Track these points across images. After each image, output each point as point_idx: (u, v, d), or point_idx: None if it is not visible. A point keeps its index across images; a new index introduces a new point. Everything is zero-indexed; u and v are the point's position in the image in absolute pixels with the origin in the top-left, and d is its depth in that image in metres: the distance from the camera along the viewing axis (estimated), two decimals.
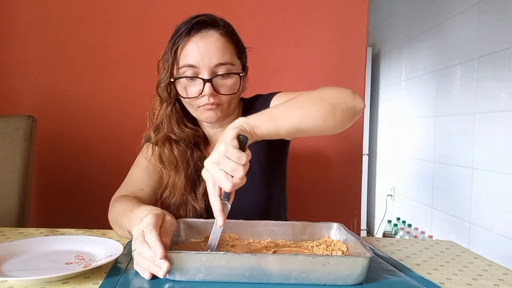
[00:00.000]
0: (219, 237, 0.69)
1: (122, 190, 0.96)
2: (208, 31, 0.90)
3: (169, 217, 0.71)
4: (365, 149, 3.81)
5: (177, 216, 0.92)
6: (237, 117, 0.98)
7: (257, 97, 1.05)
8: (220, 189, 0.66)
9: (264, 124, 0.73)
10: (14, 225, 1.15)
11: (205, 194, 0.94)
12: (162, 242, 0.60)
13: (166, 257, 0.59)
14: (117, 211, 0.87)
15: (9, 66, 1.61)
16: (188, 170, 0.96)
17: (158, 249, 0.59)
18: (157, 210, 0.71)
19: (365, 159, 3.79)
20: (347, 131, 1.74)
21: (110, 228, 0.93)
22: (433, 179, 2.71)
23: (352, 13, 1.67)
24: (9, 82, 1.61)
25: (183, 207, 0.96)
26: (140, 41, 1.63)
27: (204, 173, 0.68)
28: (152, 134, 0.97)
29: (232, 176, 0.64)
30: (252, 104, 1.02)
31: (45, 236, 0.85)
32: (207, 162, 0.67)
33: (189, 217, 0.93)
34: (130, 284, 0.62)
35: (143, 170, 0.98)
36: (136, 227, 0.65)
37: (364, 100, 0.84)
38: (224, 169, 0.64)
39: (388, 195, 3.48)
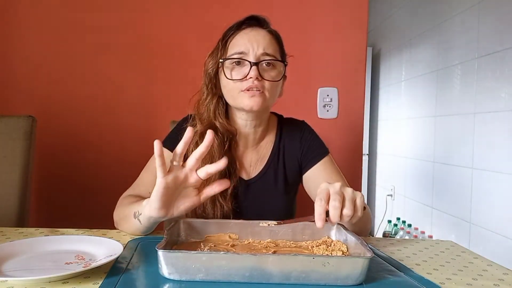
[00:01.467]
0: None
1: (129, 192, 0.97)
2: (258, 27, 0.98)
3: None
4: (365, 149, 3.81)
5: (204, 215, 0.95)
6: (268, 124, 1.06)
7: (307, 128, 1.10)
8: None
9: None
10: (14, 225, 1.15)
11: (232, 195, 0.98)
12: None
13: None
14: (125, 205, 0.88)
15: (9, 66, 1.61)
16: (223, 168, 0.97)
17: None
18: None
19: (365, 159, 3.79)
20: (347, 131, 1.74)
21: (110, 228, 0.94)
22: (433, 179, 2.71)
23: (352, 13, 1.67)
24: (9, 82, 1.61)
25: (211, 205, 0.96)
26: (140, 41, 1.64)
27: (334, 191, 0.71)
28: (199, 124, 0.99)
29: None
30: (288, 127, 1.09)
31: (45, 236, 0.85)
32: (345, 189, 0.71)
33: (217, 216, 0.94)
34: (130, 284, 0.62)
35: (154, 174, 0.99)
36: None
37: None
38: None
39: (388, 195, 3.48)
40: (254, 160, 1.05)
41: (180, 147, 0.73)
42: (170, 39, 1.64)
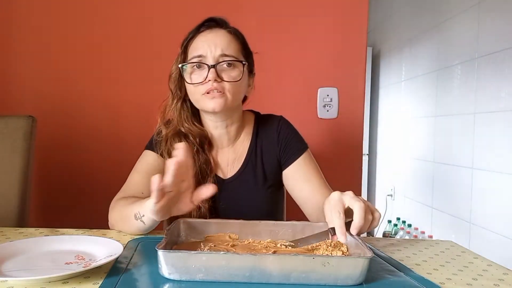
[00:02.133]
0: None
1: (121, 194, 0.97)
2: (216, 28, 0.98)
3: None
4: (365, 149, 3.81)
5: (181, 215, 0.94)
6: (242, 122, 1.05)
7: (284, 123, 1.08)
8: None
9: None
10: (14, 225, 1.15)
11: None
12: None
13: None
14: (122, 206, 0.88)
15: (9, 66, 1.61)
16: (193, 169, 0.97)
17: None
18: None
19: (365, 159, 3.79)
20: (347, 131, 1.74)
21: (110, 228, 0.94)
22: (433, 179, 2.71)
23: (352, 13, 1.67)
24: (9, 82, 1.61)
25: None
26: (140, 42, 1.64)
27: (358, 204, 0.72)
28: (163, 128, 1.00)
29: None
30: (267, 124, 1.07)
31: (45, 236, 0.85)
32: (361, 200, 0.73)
33: (193, 217, 0.94)
34: (130, 284, 0.62)
35: (142, 175, 0.99)
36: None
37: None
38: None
39: (388, 195, 3.48)
40: (231, 159, 1.05)
41: (168, 180, 0.68)
42: (170, 39, 1.64)
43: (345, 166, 1.69)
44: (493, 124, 2.06)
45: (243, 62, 0.97)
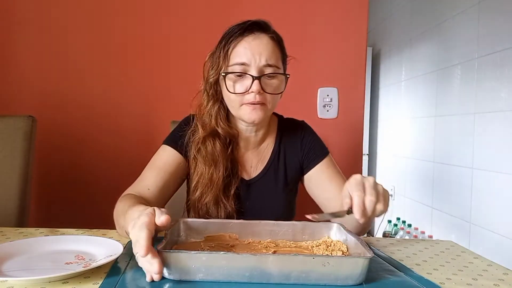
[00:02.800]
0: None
1: (129, 189, 0.97)
2: (260, 34, 0.95)
3: (160, 211, 0.67)
4: (365, 149, 3.81)
5: (207, 217, 0.96)
6: (269, 125, 1.07)
7: (308, 128, 1.11)
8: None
9: None
10: (14, 225, 1.15)
11: (235, 196, 0.99)
12: (160, 228, 0.63)
13: (158, 259, 0.59)
14: (118, 209, 0.87)
15: (9, 66, 1.61)
16: (226, 168, 0.99)
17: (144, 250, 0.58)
18: (148, 208, 0.67)
19: (365, 159, 3.79)
20: (347, 131, 1.74)
21: (110, 228, 0.93)
22: (433, 179, 2.71)
23: (352, 13, 1.67)
24: (9, 82, 1.61)
25: (215, 206, 0.97)
26: (140, 41, 1.64)
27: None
28: (201, 129, 0.99)
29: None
30: (288, 128, 1.09)
31: (45, 236, 0.85)
32: (378, 185, 0.74)
33: (221, 217, 0.96)
34: (130, 284, 0.62)
35: (153, 170, 0.99)
36: (132, 229, 0.63)
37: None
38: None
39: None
40: (255, 161, 1.07)
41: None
42: (170, 39, 1.64)
43: (345, 166, 1.68)
44: (493, 124, 2.06)
45: (287, 75, 0.97)
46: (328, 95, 1.67)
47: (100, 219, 0.99)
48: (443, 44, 2.59)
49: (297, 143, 1.08)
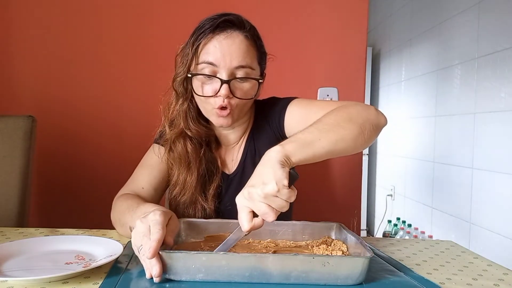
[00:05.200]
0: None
1: (124, 189, 0.97)
2: (233, 32, 0.88)
3: (175, 217, 0.71)
4: (365, 149, 3.80)
5: (185, 216, 0.94)
6: (249, 119, 1.01)
7: (271, 100, 1.03)
8: (253, 213, 0.66)
9: (300, 152, 0.70)
10: (14, 225, 1.15)
11: (215, 196, 0.96)
12: (166, 241, 0.63)
13: (160, 263, 0.60)
14: (120, 209, 0.87)
15: (9, 66, 1.61)
16: (200, 169, 0.95)
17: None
18: (164, 208, 0.71)
19: (365, 159, 3.79)
20: None
21: (110, 228, 0.93)
22: (433, 179, 2.71)
23: (352, 13, 1.67)
24: (9, 82, 1.61)
25: (192, 206, 0.96)
26: (139, 41, 1.64)
27: (242, 201, 0.66)
28: (167, 129, 0.96)
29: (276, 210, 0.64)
30: (265, 107, 1.02)
31: (45, 236, 0.85)
32: (253, 193, 0.64)
33: (197, 217, 0.94)
34: (130, 284, 0.62)
35: (146, 169, 0.98)
36: (142, 219, 0.64)
37: (385, 116, 0.84)
38: (272, 205, 0.64)
39: (388, 195, 3.48)
40: (236, 154, 1.02)
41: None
42: (170, 38, 1.64)
43: (345, 166, 1.69)
44: (493, 124, 2.06)
45: (259, 81, 0.90)
46: (328, 95, 1.67)
47: (100, 219, 0.99)
48: (443, 44, 2.59)
49: (264, 121, 1.00)
